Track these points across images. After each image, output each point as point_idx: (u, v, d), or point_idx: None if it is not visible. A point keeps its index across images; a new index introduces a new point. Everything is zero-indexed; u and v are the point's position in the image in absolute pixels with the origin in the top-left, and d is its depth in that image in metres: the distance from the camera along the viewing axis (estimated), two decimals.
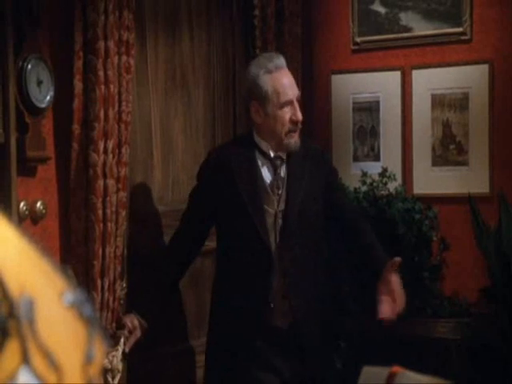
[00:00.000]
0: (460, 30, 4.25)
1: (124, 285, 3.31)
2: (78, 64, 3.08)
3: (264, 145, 3.30)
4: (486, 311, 3.97)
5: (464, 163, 4.24)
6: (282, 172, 3.31)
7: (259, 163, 3.29)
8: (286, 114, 3.25)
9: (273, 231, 3.26)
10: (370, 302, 4.02)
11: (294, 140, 3.27)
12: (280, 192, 3.29)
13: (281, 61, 3.30)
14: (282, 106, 3.24)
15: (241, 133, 3.92)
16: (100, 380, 0.72)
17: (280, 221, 3.27)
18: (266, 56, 3.43)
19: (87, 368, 0.70)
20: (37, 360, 0.65)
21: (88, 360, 0.70)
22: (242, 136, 3.59)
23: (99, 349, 0.71)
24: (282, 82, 3.25)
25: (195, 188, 3.40)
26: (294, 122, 3.25)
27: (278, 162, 3.31)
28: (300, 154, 3.34)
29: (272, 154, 3.29)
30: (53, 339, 0.67)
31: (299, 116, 3.25)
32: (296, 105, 3.26)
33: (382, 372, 1.30)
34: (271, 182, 3.29)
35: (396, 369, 1.28)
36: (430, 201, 4.15)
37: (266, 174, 3.30)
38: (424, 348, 3.88)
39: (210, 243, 3.48)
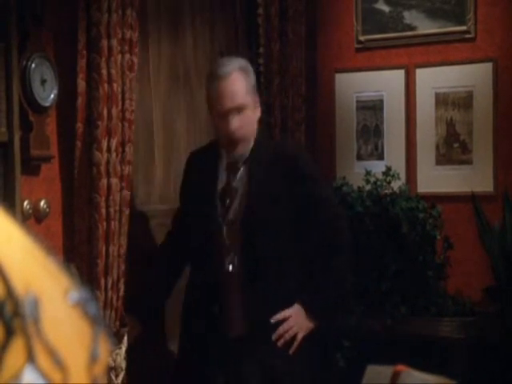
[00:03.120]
0: (464, 28, 4.24)
1: None
2: (82, 63, 3.08)
3: (222, 151, 3.21)
4: (489, 310, 3.96)
5: (468, 162, 4.23)
6: (237, 181, 3.16)
7: (220, 169, 3.20)
8: (221, 124, 3.12)
9: (219, 240, 3.14)
10: (373, 301, 4.02)
11: (232, 154, 3.14)
12: (228, 202, 3.15)
13: (228, 67, 3.12)
14: (217, 116, 3.13)
15: None
16: (105, 379, 0.72)
17: (229, 228, 3.14)
18: (220, 62, 3.27)
19: (92, 367, 0.69)
20: (42, 358, 0.65)
21: (93, 359, 0.70)
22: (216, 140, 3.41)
23: (104, 347, 0.71)
24: (219, 91, 3.09)
25: (180, 187, 3.43)
26: (226, 134, 3.11)
27: (232, 171, 3.17)
28: (265, 160, 3.16)
29: (225, 162, 3.19)
30: (58, 338, 0.67)
31: (229, 129, 3.08)
32: (231, 116, 3.08)
33: (386, 371, 1.30)
34: (220, 191, 3.18)
35: (400, 368, 1.28)
36: (433, 199, 4.14)
37: (221, 182, 3.19)
38: (428, 347, 3.87)
39: None
